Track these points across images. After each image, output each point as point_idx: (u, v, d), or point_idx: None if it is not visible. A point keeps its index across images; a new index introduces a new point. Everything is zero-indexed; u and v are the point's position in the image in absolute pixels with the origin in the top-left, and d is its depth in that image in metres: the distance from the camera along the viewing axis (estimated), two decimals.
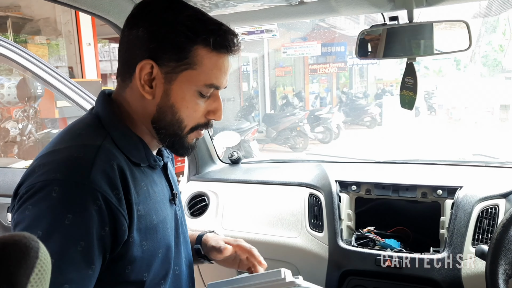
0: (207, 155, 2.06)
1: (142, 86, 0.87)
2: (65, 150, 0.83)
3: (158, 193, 0.95)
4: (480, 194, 1.51)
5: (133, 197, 0.85)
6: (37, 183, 0.78)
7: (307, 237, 1.63)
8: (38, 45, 6.50)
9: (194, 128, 0.92)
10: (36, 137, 5.59)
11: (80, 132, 0.88)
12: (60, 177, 0.78)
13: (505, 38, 12.27)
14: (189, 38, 0.85)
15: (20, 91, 5.52)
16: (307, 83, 13.11)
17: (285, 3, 1.32)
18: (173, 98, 0.88)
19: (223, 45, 0.88)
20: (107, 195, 0.80)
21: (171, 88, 0.88)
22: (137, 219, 0.86)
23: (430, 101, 12.24)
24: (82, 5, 1.29)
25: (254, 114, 9.60)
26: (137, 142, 0.92)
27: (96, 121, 0.91)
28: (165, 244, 0.94)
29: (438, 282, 1.42)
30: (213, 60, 0.88)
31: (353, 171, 1.88)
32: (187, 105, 0.89)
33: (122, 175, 0.84)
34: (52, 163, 0.81)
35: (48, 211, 0.76)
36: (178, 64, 0.86)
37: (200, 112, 0.91)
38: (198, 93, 0.89)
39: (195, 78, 0.87)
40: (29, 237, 0.46)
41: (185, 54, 0.86)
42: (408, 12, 1.32)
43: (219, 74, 0.89)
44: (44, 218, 0.75)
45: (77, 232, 0.76)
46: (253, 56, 11.79)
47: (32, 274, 0.44)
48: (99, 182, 0.79)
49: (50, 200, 0.76)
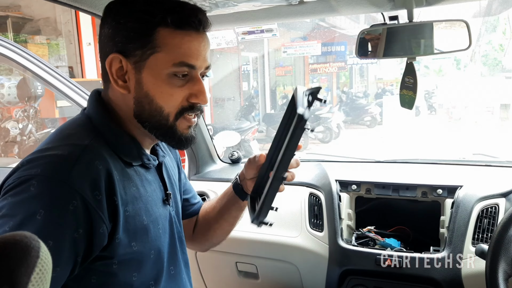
0: (207, 155, 2.07)
1: (116, 81, 0.87)
2: (53, 149, 0.83)
3: (150, 193, 0.94)
4: (480, 193, 1.51)
5: (119, 197, 0.84)
6: (20, 177, 0.78)
7: (307, 237, 1.63)
8: (38, 45, 6.50)
9: (179, 113, 0.89)
10: (37, 137, 5.59)
11: (69, 132, 0.88)
12: (41, 173, 0.78)
13: (505, 37, 12.27)
14: (147, 22, 0.84)
15: (20, 91, 5.52)
16: (307, 82, 13.10)
17: (285, 3, 1.32)
18: (146, 87, 0.87)
19: (185, 22, 0.85)
20: (85, 196, 0.78)
21: (142, 76, 0.86)
22: (124, 219, 0.84)
23: (430, 101, 12.23)
24: (82, 5, 1.29)
25: (254, 114, 9.60)
26: (129, 141, 0.91)
27: (87, 121, 0.90)
28: (157, 245, 0.93)
29: (438, 282, 1.43)
30: (177, 38, 0.85)
31: (353, 171, 1.88)
32: (161, 90, 0.86)
33: (107, 175, 0.83)
34: (37, 160, 0.81)
35: (23, 204, 0.75)
36: (144, 51, 0.85)
37: (179, 96, 0.88)
38: (170, 75, 0.86)
39: (163, 60, 0.85)
40: (30, 236, 0.46)
41: (148, 38, 0.84)
42: (408, 11, 1.32)
43: (188, 52, 0.86)
44: (18, 210, 0.75)
45: (46, 229, 0.74)
46: (253, 56, 11.79)
47: (33, 273, 0.45)
48: (79, 182, 0.78)
49: (26, 193, 0.76)
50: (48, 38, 6.58)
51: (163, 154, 1.04)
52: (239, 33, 1.72)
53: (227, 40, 4.32)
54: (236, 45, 9.33)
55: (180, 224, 1.08)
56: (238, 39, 1.82)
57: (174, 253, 1.02)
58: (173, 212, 1.04)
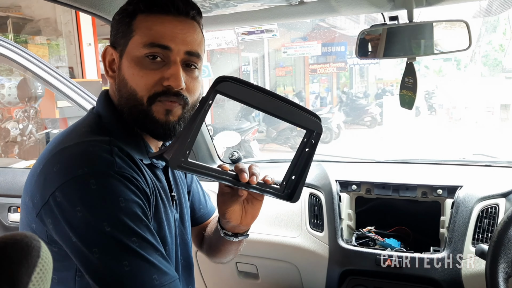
0: (207, 155, 2.06)
1: (107, 72, 0.92)
2: (77, 146, 0.82)
3: (162, 191, 0.94)
4: (480, 193, 1.51)
5: (150, 185, 0.87)
6: (64, 182, 0.76)
7: (307, 237, 1.63)
8: (38, 45, 6.50)
9: (152, 97, 0.87)
10: (37, 137, 5.59)
11: (85, 130, 0.88)
12: (88, 170, 0.77)
13: (506, 37, 12.26)
14: (128, 11, 0.89)
15: (21, 91, 5.51)
16: (307, 83, 13.10)
17: (285, 3, 1.32)
18: (123, 71, 0.89)
19: (158, 5, 0.87)
20: (137, 177, 0.82)
21: (121, 62, 0.90)
22: (154, 209, 0.88)
23: (430, 101, 12.22)
24: (82, 5, 1.29)
25: (254, 114, 9.59)
26: (138, 140, 0.91)
27: (98, 120, 0.91)
28: (166, 241, 0.93)
29: (438, 282, 1.43)
30: (150, 21, 0.87)
31: (353, 171, 1.88)
32: (133, 72, 0.86)
33: (136, 165, 0.86)
34: (70, 159, 0.79)
35: (99, 203, 0.76)
36: (126, 39, 0.88)
37: (152, 78, 0.86)
38: (143, 57, 0.86)
39: (136, 42, 0.87)
40: (30, 236, 0.47)
41: (130, 27, 0.88)
42: (408, 12, 1.32)
43: (161, 33, 0.86)
44: (100, 211, 0.75)
45: (136, 207, 0.79)
46: (253, 56, 11.78)
47: (33, 273, 0.45)
48: (126, 167, 0.81)
49: (93, 193, 0.76)
50: (48, 38, 6.59)
51: None
52: (239, 33, 1.72)
53: (227, 41, 4.32)
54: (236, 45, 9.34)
55: (184, 227, 1.06)
56: (238, 39, 1.83)
57: (176, 255, 1.01)
58: (176, 215, 1.02)
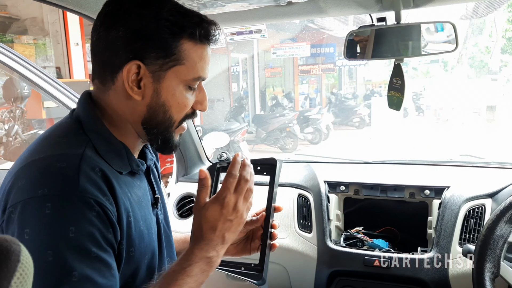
0: (196, 156, 2.05)
1: (131, 88, 0.84)
2: (45, 160, 0.80)
3: (142, 198, 0.93)
4: (467, 194, 1.52)
5: (120, 204, 0.83)
6: (24, 200, 0.75)
7: (296, 238, 1.63)
8: (25, 45, 6.42)
9: (182, 121, 0.91)
10: (23, 138, 5.51)
11: (59, 140, 0.84)
12: (48, 192, 0.74)
13: (491, 40, 12.44)
14: (175, 33, 0.83)
15: (6, 91, 5.44)
16: (296, 84, 13.14)
17: (273, 4, 1.32)
18: (164, 96, 0.86)
19: (207, 37, 0.87)
20: (100, 201, 0.77)
21: (161, 86, 0.85)
22: (127, 226, 0.84)
23: (418, 102, 12.34)
24: (69, 4, 1.27)
25: (243, 115, 9.59)
26: (120, 148, 0.89)
27: (77, 126, 0.87)
28: (150, 250, 0.92)
29: (425, 282, 1.43)
30: (198, 52, 0.86)
31: (342, 172, 1.89)
32: (178, 101, 0.87)
33: (108, 182, 0.81)
34: (35, 175, 0.77)
35: (48, 231, 0.73)
36: (166, 61, 0.84)
37: (189, 105, 0.90)
38: (187, 88, 0.88)
39: (184, 73, 0.86)
40: (10, 240, 0.45)
41: (172, 50, 0.84)
42: (395, 13, 1.33)
43: (204, 65, 0.88)
44: (47, 239, 0.72)
45: (86, 239, 0.74)
46: (242, 57, 11.79)
47: (13, 277, 0.43)
48: (90, 189, 0.76)
49: (45, 218, 0.73)
50: (35, 38, 6.51)
51: (151, 157, 1.02)
52: (227, 33, 1.71)
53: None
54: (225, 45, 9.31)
55: (168, 228, 1.06)
56: (227, 39, 1.81)
57: (162, 257, 1.00)
58: (161, 216, 1.02)
